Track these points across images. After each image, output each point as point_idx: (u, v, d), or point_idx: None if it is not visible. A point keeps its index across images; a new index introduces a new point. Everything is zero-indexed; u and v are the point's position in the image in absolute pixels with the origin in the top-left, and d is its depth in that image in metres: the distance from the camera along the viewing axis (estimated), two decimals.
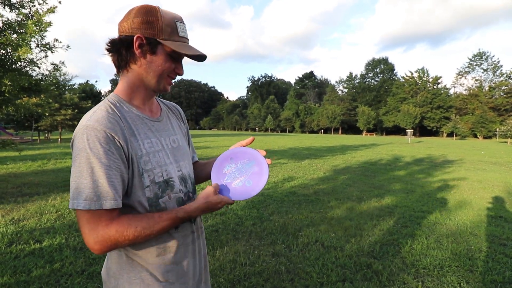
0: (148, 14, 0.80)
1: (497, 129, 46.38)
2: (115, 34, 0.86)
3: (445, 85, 62.39)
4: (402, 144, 24.75)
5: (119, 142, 0.76)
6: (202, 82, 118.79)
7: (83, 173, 0.72)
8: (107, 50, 0.85)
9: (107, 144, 0.74)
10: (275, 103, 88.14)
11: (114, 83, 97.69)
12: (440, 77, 61.48)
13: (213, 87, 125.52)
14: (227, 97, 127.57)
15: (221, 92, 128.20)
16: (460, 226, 3.85)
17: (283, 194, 5.40)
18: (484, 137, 51.31)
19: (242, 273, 2.56)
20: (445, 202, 5.09)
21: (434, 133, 60.97)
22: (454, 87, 64.96)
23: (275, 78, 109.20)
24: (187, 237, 0.92)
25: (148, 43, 0.81)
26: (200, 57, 0.87)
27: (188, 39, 0.87)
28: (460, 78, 63.56)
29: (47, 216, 3.93)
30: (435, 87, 61.75)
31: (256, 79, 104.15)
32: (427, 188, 6.25)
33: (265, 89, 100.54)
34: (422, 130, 62.01)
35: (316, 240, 3.28)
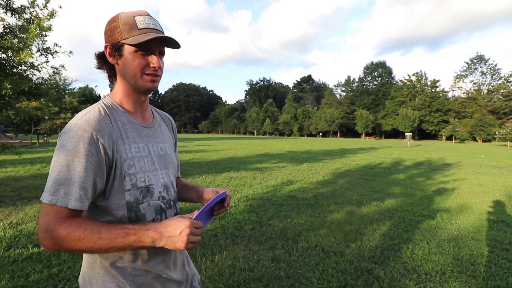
0: (110, 23, 0.85)
1: (496, 132, 46.55)
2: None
3: (443, 89, 62.75)
4: (401, 148, 24.79)
5: (103, 144, 0.78)
6: (200, 86, 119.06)
7: (59, 169, 0.74)
8: (96, 68, 0.90)
9: (90, 146, 0.75)
10: (273, 107, 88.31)
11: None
12: (438, 81, 61.85)
13: (212, 90, 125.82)
14: (226, 101, 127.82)
15: (219, 96, 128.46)
16: (462, 230, 3.83)
17: (282, 198, 5.38)
18: (484, 140, 51.44)
19: (242, 278, 2.54)
20: (446, 206, 5.08)
21: (433, 136, 61.12)
22: (453, 90, 65.32)
23: (274, 81, 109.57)
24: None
25: (114, 48, 0.84)
26: (170, 43, 0.86)
27: (153, 29, 0.84)
28: (458, 81, 63.91)
29: None
30: (433, 90, 62.07)
31: (254, 82, 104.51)
32: (427, 192, 6.24)
33: (264, 93, 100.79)
34: (421, 134, 62.16)
35: (316, 245, 3.26)
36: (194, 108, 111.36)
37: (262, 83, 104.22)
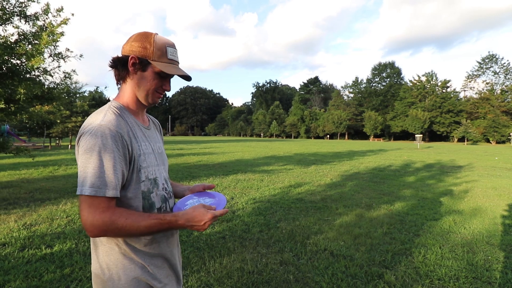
0: (144, 39, 0.97)
1: (511, 134, 45.38)
2: (122, 43, 1.01)
3: (454, 89, 61.59)
4: (411, 150, 24.40)
5: (125, 141, 0.91)
6: (207, 89, 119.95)
7: (93, 164, 0.84)
8: (110, 66, 1.01)
9: (117, 142, 0.88)
10: (280, 109, 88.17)
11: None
12: (449, 81, 60.74)
13: (218, 93, 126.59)
14: (232, 103, 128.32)
15: (226, 99, 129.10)
16: (476, 235, 3.74)
17: (290, 200, 5.36)
18: (497, 142, 50.22)
19: (250, 281, 2.53)
20: (459, 209, 4.97)
21: (444, 138, 59.96)
22: (464, 90, 64.03)
23: (280, 84, 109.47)
24: (169, 237, 1.06)
25: (140, 62, 0.96)
26: (186, 77, 1.03)
27: (177, 62, 1.02)
28: (470, 81, 62.62)
29: (57, 221, 3.98)
30: (444, 91, 60.94)
31: (261, 85, 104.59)
32: (439, 195, 6.12)
33: (270, 95, 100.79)
34: (432, 135, 61.09)
35: (325, 249, 3.23)
36: (201, 111, 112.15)
37: (268, 85, 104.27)
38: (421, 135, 33.92)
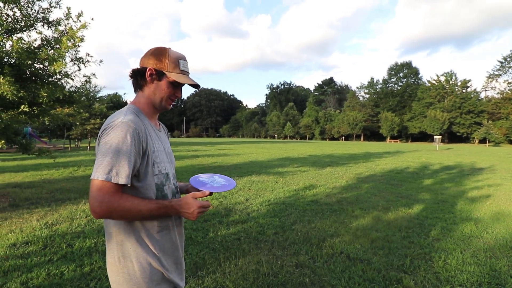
0: (160, 54, 1.12)
1: None
2: (138, 47, 1.15)
3: (475, 89, 59.42)
4: (430, 151, 23.69)
5: (141, 137, 1.03)
6: (221, 91, 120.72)
7: (111, 154, 0.96)
8: (130, 76, 1.17)
9: (134, 138, 1.00)
10: (294, 110, 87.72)
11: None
12: (469, 81, 58.66)
13: (233, 95, 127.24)
14: (246, 105, 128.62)
15: (240, 100, 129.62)
16: (499, 240, 3.58)
17: (304, 202, 5.31)
18: None
19: (266, 283, 2.52)
20: (480, 213, 4.78)
21: (465, 139, 57.87)
22: (485, 90, 61.67)
23: (294, 85, 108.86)
24: (175, 220, 1.17)
25: (156, 73, 1.11)
26: (195, 86, 1.17)
27: (188, 72, 1.16)
28: (491, 81, 60.23)
29: (77, 221, 4.10)
30: (464, 91, 58.90)
31: (275, 86, 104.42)
32: (459, 198, 5.91)
33: (284, 96, 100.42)
34: (451, 137, 59.12)
35: (341, 252, 3.17)
36: (215, 112, 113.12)
37: (282, 86, 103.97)
38: (440, 137, 32.83)
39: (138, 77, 1.14)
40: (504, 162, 14.51)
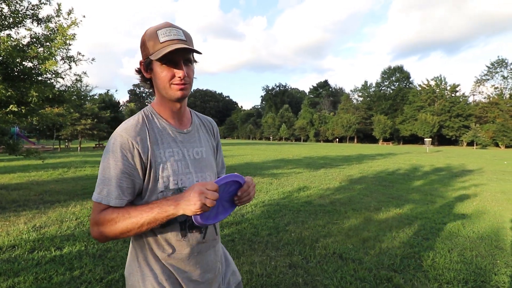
0: (142, 42, 0.92)
1: None
2: (133, 46, 1.00)
3: (463, 93, 60.63)
4: (420, 154, 24.08)
5: (138, 150, 0.87)
6: (217, 92, 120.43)
7: (102, 171, 0.86)
8: (140, 81, 0.99)
9: (126, 151, 0.86)
10: (289, 112, 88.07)
11: (132, 93, 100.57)
12: (458, 85, 59.83)
13: (228, 96, 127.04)
14: (242, 106, 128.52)
15: (235, 102, 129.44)
16: (484, 239, 3.67)
17: (298, 204, 5.33)
18: (506, 146, 49.20)
19: (259, 284, 2.52)
20: (467, 213, 4.88)
21: (454, 142, 59.00)
22: (473, 95, 63.07)
23: (289, 87, 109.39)
24: (194, 246, 0.96)
25: (146, 64, 0.92)
26: (190, 50, 0.89)
27: (175, 39, 0.87)
28: (479, 86, 61.66)
29: (67, 224, 4.03)
30: (453, 95, 60.08)
31: (270, 88, 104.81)
32: (447, 198, 6.02)
33: (279, 98, 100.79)
34: (441, 139, 60.16)
35: (334, 252, 3.20)
36: (210, 114, 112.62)
37: (278, 88, 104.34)
38: (430, 139, 33.46)
39: (142, 77, 0.97)
40: (490, 164, 14.85)
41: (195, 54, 0.96)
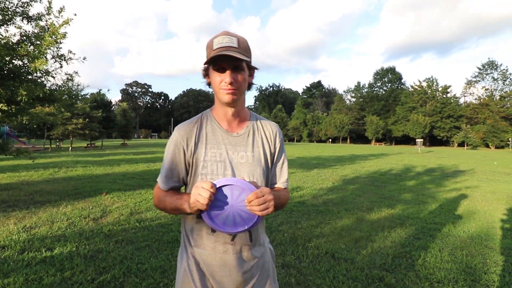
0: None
1: (510, 139, 45.40)
2: (125, 45, 1.02)
3: (454, 94, 61.77)
4: (412, 154, 24.40)
5: (184, 147, 1.02)
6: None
7: (163, 160, 1.06)
8: (207, 85, 1.06)
9: (175, 147, 1.03)
10: (282, 112, 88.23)
11: (124, 92, 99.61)
12: (449, 86, 60.82)
13: None
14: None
15: None
16: (475, 238, 3.74)
17: (292, 204, 5.35)
18: (496, 147, 50.22)
19: None
20: (458, 213, 4.97)
21: (445, 142, 59.95)
22: (464, 96, 64.17)
23: (283, 87, 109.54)
24: (220, 244, 1.02)
25: (205, 70, 1.03)
26: (228, 56, 0.92)
27: (225, 47, 0.93)
28: (470, 87, 62.79)
29: (58, 224, 3.97)
30: (444, 96, 61.04)
31: (264, 88, 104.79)
32: (439, 199, 6.11)
33: (273, 99, 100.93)
34: (432, 140, 61.08)
35: (327, 252, 3.22)
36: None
37: (271, 89, 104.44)
38: (422, 140, 33.92)
39: (207, 83, 1.06)
40: (481, 164, 15.13)
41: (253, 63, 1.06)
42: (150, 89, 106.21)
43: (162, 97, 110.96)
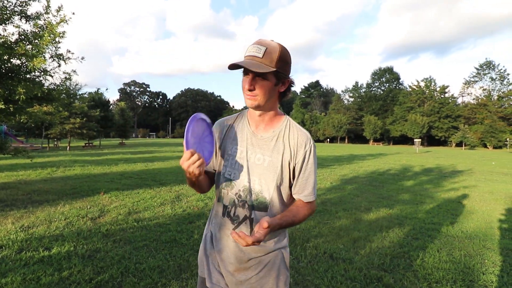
0: None
1: (507, 139, 45.61)
2: (123, 45, 1.04)
3: (452, 94, 61.86)
4: (410, 154, 24.47)
5: (217, 136, 1.16)
6: (208, 91, 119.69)
7: None
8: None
9: (214, 134, 1.13)
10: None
11: (122, 92, 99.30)
12: (447, 86, 61.00)
13: (219, 96, 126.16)
14: (233, 106, 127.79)
15: (227, 101, 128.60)
16: (473, 238, 3.75)
17: None
18: (494, 147, 50.44)
19: None
20: (456, 213, 4.99)
21: (443, 142, 60.17)
22: (462, 96, 64.38)
23: None
24: (226, 230, 1.13)
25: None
26: (243, 66, 0.99)
27: (249, 55, 1.01)
28: (468, 87, 63.01)
29: (56, 224, 3.96)
30: (442, 96, 61.23)
31: None
32: (437, 199, 6.14)
33: None
34: (430, 140, 61.28)
35: (325, 252, 3.23)
36: (202, 113, 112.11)
37: None
38: (420, 140, 34.05)
39: None
40: (479, 164, 15.20)
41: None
42: (148, 89, 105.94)
43: (160, 97, 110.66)
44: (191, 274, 2.67)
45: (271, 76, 1.01)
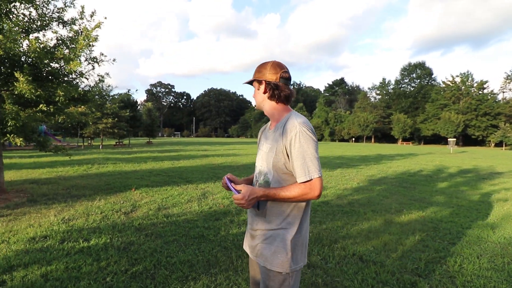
0: None
1: None
2: (148, 47, 1.13)
3: (491, 90, 57.62)
4: (444, 154, 23.20)
5: (258, 136, 1.55)
6: (230, 91, 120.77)
7: None
8: None
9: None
10: (303, 111, 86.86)
11: (149, 93, 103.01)
12: (486, 82, 56.94)
13: (241, 95, 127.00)
14: (255, 105, 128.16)
15: (249, 101, 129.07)
16: None
17: (315, 203, 5.28)
18: None
19: None
20: (498, 218, 4.66)
21: (480, 142, 56.37)
22: (503, 92, 59.83)
23: (304, 85, 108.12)
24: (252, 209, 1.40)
25: None
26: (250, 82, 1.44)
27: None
28: (509, 82, 58.47)
29: (93, 217, 4.19)
30: (480, 92, 57.30)
31: None
32: (475, 202, 5.77)
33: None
34: (466, 139, 57.64)
35: (354, 253, 3.14)
36: (224, 112, 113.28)
37: (292, 87, 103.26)
38: (455, 139, 32.00)
39: None
40: None
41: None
42: (173, 89, 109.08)
43: (185, 97, 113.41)
44: (220, 269, 2.71)
45: (255, 84, 1.40)
